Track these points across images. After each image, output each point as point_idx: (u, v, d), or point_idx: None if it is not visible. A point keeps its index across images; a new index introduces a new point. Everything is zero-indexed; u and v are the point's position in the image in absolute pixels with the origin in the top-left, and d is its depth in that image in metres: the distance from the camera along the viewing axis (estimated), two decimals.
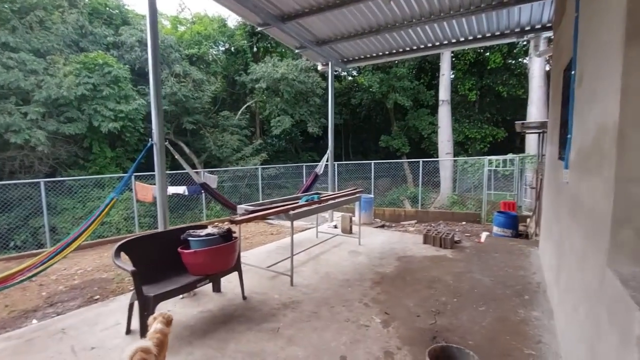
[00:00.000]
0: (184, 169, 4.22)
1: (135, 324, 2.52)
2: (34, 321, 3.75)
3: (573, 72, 2.62)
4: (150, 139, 3.38)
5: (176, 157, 3.73)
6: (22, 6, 9.87)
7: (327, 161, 6.97)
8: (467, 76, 15.80)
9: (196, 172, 7.14)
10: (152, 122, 3.39)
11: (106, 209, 3.27)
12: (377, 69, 16.46)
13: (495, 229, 6.63)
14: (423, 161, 10.90)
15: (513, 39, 5.66)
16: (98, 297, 4.54)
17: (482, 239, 5.68)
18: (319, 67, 6.93)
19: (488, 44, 6.05)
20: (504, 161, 10.16)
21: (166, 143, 3.50)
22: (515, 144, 18.40)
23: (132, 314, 2.52)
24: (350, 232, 6.04)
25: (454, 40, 5.85)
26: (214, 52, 17.16)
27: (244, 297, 3.24)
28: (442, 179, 12.78)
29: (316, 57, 6.51)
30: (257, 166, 13.12)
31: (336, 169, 12.10)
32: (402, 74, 16.12)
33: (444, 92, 13.22)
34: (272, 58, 15.26)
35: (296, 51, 6.16)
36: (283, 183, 14.38)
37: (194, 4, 39.49)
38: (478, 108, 16.99)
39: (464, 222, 9.56)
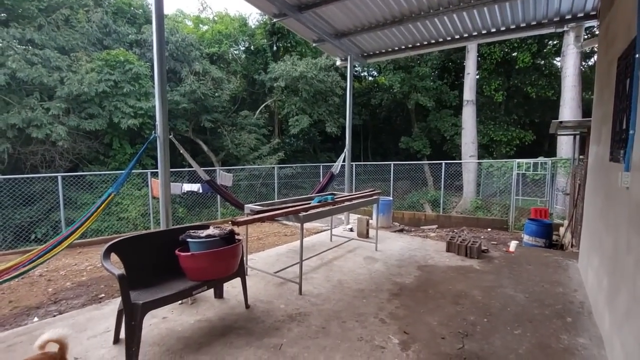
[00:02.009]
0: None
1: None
2: (35, 319, 3.62)
3: (638, 56, 2.17)
4: (153, 132, 3.17)
5: (181, 151, 3.51)
6: (49, 5, 10.11)
7: (343, 161, 6.64)
8: (493, 76, 15.06)
9: (211, 170, 7.03)
10: (156, 114, 3.19)
11: (103, 205, 3.08)
12: (399, 68, 15.97)
13: (526, 238, 6.09)
14: (445, 163, 10.36)
15: (551, 29, 5.12)
16: (103, 295, 4.40)
17: (512, 249, 5.18)
18: (338, 62, 6.60)
19: (522, 35, 5.54)
20: (534, 165, 9.48)
21: (170, 137, 3.29)
22: (543, 147, 17.45)
23: (121, 321, 2.29)
24: (367, 236, 5.67)
25: (484, 32, 5.39)
26: (235, 51, 17.18)
27: (247, 306, 2.95)
28: (465, 183, 12.19)
29: (335, 51, 6.19)
30: (273, 165, 12.94)
31: (354, 170, 11.74)
32: (424, 74, 15.58)
33: (468, 92, 12.61)
34: (292, 57, 15.08)
35: (313, 44, 5.86)
36: (300, 183, 14.15)
37: (215, 3, 40.03)
38: (504, 109, 16.19)
39: (489, 229, 8.98)
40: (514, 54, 14.46)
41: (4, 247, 7.61)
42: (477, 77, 13.78)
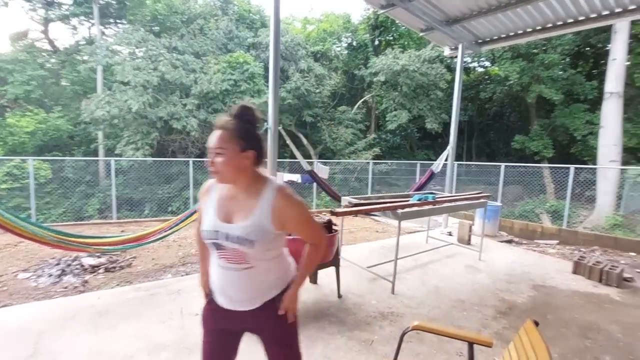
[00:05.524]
0: (303, 158, 4.27)
1: None
2: (169, 275, 4.43)
3: None
4: (265, 123, 3.48)
5: (287, 142, 3.78)
6: (188, 17, 12.06)
7: (446, 159, 6.17)
8: None
9: (308, 162, 7.37)
10: (269, 107, 3.49)
11: None
12: (518, 56, 13.94)
13: None
14: (575, 168, 8.65)
15: None
16: None
17: None
18: (446, 52, 6.13)
19: None
20: None
21: (279, 128, 3.56)
22: None
23: None
24: (468, 242, 5.18)
25: None
26: (337, 48, 17.63)
27: (339, 296, 3.02)
28: (599, 193, 9.98)
29: (444, 39, 5.76)
30: (368, 161, 12.92)
31: (455, 170, 10.84)
32: (551, 61, 13.21)
33: (613, 83, 10.20)
34: (394, 50, 14.67)
35: (420, 34, 5.56)
36: (394, 180, 13.80)
37: (322, 4, 41.78)
38: None
39: (632, 253, 7.19)
40: None
41: (150, 215, 9.54)
42: (627, 63, 11.02)
